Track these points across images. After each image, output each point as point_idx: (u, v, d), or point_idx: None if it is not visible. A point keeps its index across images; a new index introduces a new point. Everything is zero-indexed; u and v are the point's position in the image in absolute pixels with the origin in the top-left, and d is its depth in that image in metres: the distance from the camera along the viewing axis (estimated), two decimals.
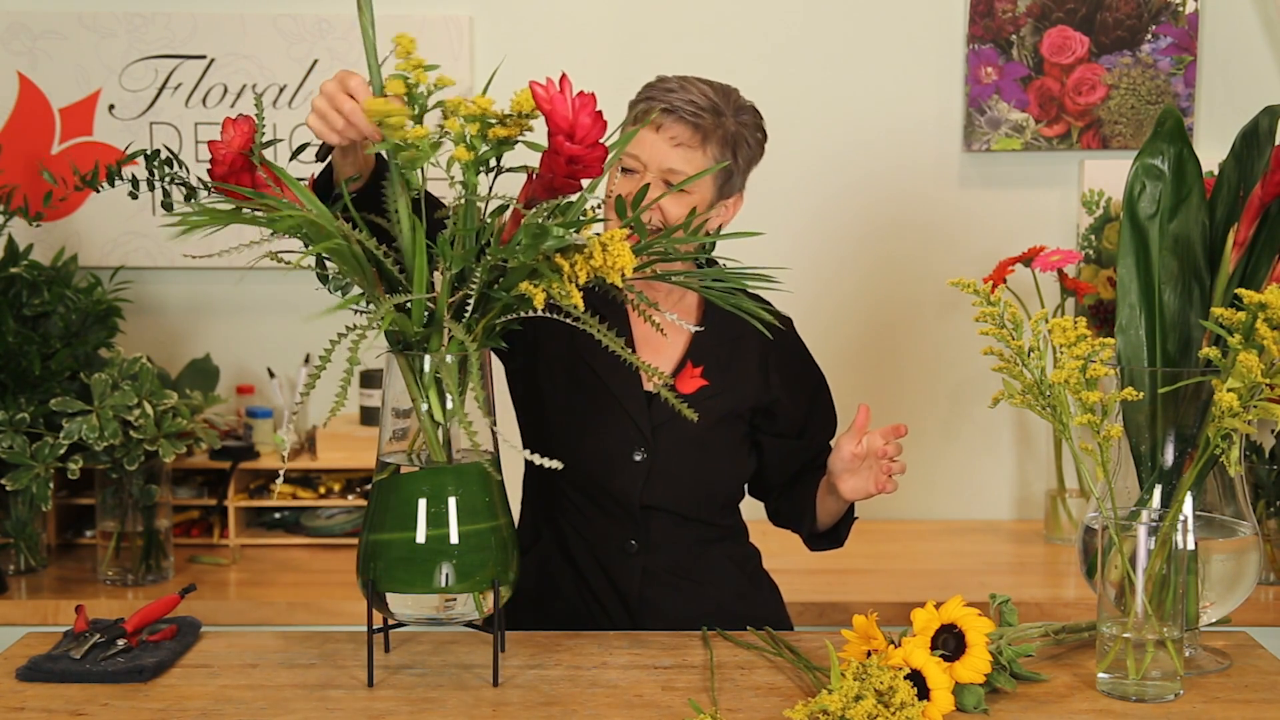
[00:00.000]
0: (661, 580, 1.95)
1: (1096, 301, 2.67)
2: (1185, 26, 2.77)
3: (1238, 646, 1.74)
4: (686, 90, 1.85)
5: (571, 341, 1.92)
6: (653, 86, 1.89)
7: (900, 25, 2.82)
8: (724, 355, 1.96)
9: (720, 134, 1.85)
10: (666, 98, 1.84)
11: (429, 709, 1.53)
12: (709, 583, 1.97)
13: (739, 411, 1.97)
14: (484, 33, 2.81)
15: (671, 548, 1.97)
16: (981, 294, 1.61)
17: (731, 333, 1.95)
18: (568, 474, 1.92)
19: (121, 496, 2.43)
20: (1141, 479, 1.68)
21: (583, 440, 1.94)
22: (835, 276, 2.85)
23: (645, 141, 1.84)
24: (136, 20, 2.77)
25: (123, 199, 2.69)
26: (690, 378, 1.93)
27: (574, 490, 1.96)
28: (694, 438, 1.93)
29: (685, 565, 1.97)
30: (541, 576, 1.99)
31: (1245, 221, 1.68)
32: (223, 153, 1.52)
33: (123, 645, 1.66)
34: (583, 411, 1.94)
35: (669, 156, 1.83)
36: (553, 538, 1.99)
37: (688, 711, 1.51)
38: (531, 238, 1.47)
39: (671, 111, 1.83)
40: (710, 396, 1.93)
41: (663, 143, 1.83)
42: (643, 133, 1.83)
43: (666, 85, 1.87)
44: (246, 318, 2.87)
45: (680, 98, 1.84)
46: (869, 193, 2.82)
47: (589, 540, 1.96)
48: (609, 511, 1.95)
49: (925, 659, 1.48)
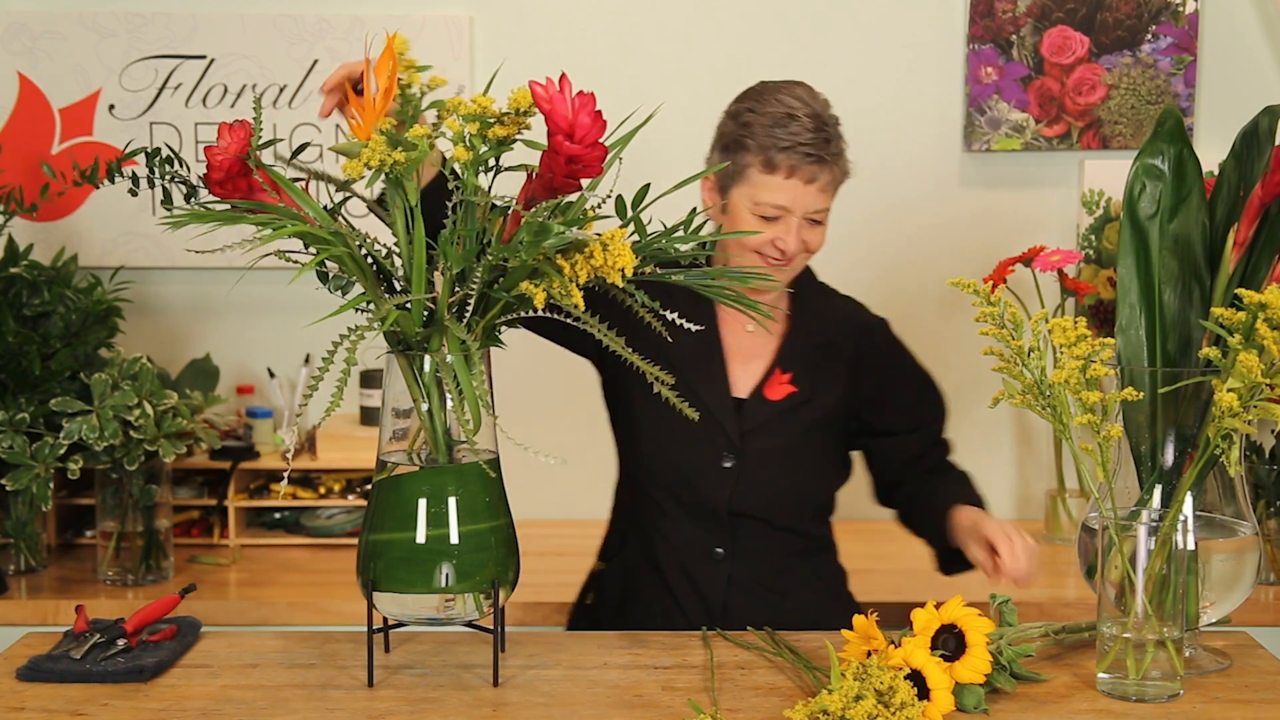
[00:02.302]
0: (746, 589, 1.95)
1: (1096, 301, 2.67)
2: (1185, 26, 2.77)
3: (1238, 646, 1.74)
4: (802, 122, 1.85)
5: (659, 349, 1.94)
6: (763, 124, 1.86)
7: (900, 25, 2.82)
8: (814, 361, 1.97)
9: (838, 150, 1.89)
10: (796, 142, 1.84)
11: (429, 709, 1.53)
12: (792, 596, 1.97)
13: (830, 417, 1.97)
14: (484, 33, 2.81)
15: (759, 557, 1.97)
16: (981, 294, 1.60)
17: (822, 338, 1.97)
18: (658, 480, 1.97)
19: (121, 496, 2.43)
20: (1141, 479, 1.68)
21: (672, 447, 1.95)
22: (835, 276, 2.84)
23: (791, 192, 1.86)
24: (136, 20, 2.77)
25: (123, 199, 2.70)
26: (779, 384, 1.93)
27: (664, 496, 1.97)
28: (784, 444, 1.94)
29: (771, 576, 1.97)
30: (625, 584, 2.01)
31: (1245, 221, 1.68)
32: (219, 159, 1.52)
33: (123, 645, 1.66)
34: (671, 418, 1.94)
35: (816, 200, 1.88)
36: (639, 545, 2.01)
37: (688, 711, 1.51)
38: (533, 236, 1.47)
39: (819, 161, 1.85)
40: (800, 403, 1.95)
41: (811, 192, 1.86)
42: (791, 183, 1.85)
43: (788, 126, 1.85)
44: (246, 318, 2.87)
45: (808, 136, 1.85)
46: (869, 193, 2.81)
47: (676, 546, 1.97)
48: (698, 518, 1.95)
49: (925, 659, 1.48)
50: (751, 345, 1.99)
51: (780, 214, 1.87)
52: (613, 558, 2.06)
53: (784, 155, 1.85)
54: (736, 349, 1.99)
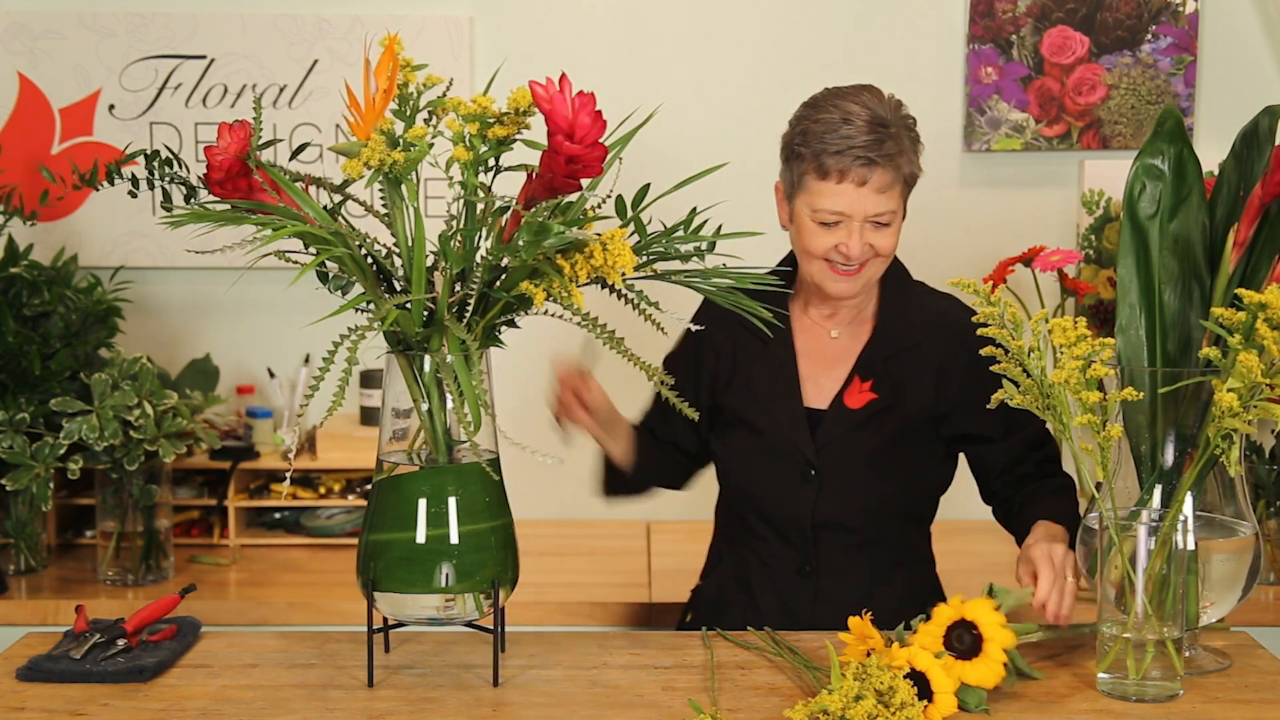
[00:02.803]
0: (833, 604, 1.89)
1: (1096, 301, 2.67)
2: (1185, 26, 2.77)
3: (1238, 646, 1.74)
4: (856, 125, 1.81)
5: (733, 362, 1.96)
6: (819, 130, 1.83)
7: (900, 25, 2.82)
8: (895, 367, 1.93)
9: (904, 151, 1.84)
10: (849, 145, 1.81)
11: (429, 709, 1.53)
12: (881, 610, 1.83)
13: (917, 424, 1.92)
14: (484, 33, 2.81)
15: (847, 572, 1.93)
16: (982, 294, 1.60)
17: (905, 343, 1.93)
18: (744, 498, 1.97)
19: (121, 496, 2.43)
20: (1141, 479, 1.68)
21: (752, 464, 1.94)
22: None
23: (848, 196, 1.82)
24: (136, 20, 2.77)
25: (123, 199, 2.70)
26: (859, 392, 1.91)
27: (751, 514, 1.97)
28: (866, 454, 1.91)
29: (860, 591, 1.92)
30: (716, 602, 2.00)
31: (1245, 221, 1.68)
32: (219, 159, 1.52)
33: (123, 645, 1.66)
34: (748, 434, 1.95)
35: (874, 203, 1.83)
36: (733, 563, 2.00)
37: (688, 711, 1.51)
38: (533, 236, 1.47)
39: (869, 164, 1.81)
40: (881, 410, 1.91)
41: (867, 195, 1.82)
42: (844, 187, 1.81)
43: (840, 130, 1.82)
44: (246, 318, 2.87)
45: (862, 139, 1.81)
46: None
47: (767, 563, 1.96)
48: (783, 534, 1.94)
49: (929, 662, 1.48)
50: (835, 353, 1.95)
51: (840, 219, 1.83)
52: (706, 575, 2.07)
53: (834, 160, 1.81)
54: (819, 358, 1.95)
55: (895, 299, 1.97)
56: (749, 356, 1.96)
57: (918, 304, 1.98)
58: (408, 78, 1.53)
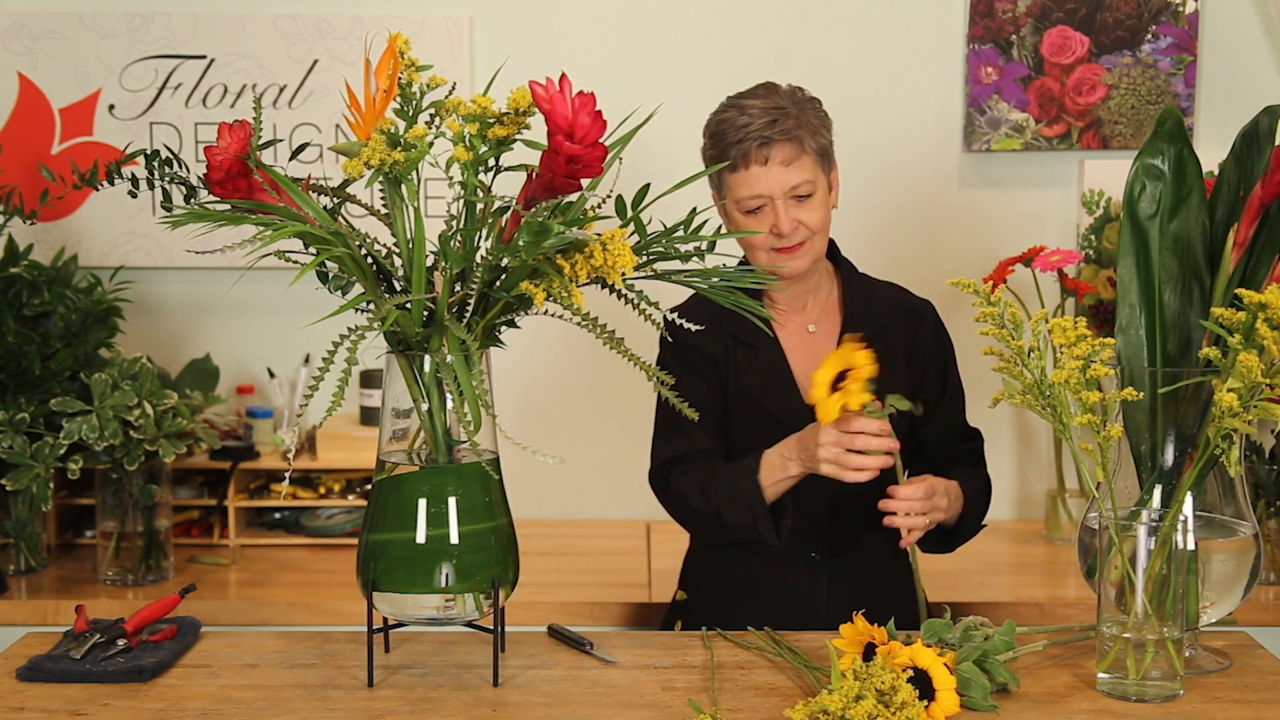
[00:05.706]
0: (846, 591, 1.97)
1: (1096, 301, 2.67)
2: (1185, 26, 2.77)
3: (1238, 646, 1.74)
4: (752, 114, 1.90)
5: (730, 366, 2.00)
6: (722, 129, 1.92)
7: (900, 25, 2.82)
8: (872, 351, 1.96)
9: (805, 125, 1.91)
10: (745, 133, 1.89)
11: (429, 709, 1.53)
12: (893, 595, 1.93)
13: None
14: (484, 33, 2.81)
15: (858, 557, 2.00)
16: (981, 294, 1.61)
17: (875, 328, 1.98)
18: None
19: (121, 496, 2.43)
20: (1141, 479, 1.68)
21: None
22: None
23: (758, 179, 1.90)
24: (136, 20, 2.77)
25: (123, 199, 2.70)
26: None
27: None
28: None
29: (873, 576, 1.99)
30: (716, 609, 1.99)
31: (1245, 221, 1.68)
32: (219, 159, 1.52)
33: (123, 645, 1.66)
34: (752, 435, 1.97)
35: (785, 176, 1.90)
36: (733, 566, 2.01)
37: (688, 711, 1.51)
38: (533, 236, 1.47)
39: (766, 142, 1.89)
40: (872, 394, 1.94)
41: (774, 171, 1.89)
42: (752, 171, 1.90)
43: (736, 122, 1.91)
44: (246, 318, 2.87)
45: (757, 123, 1.89)
46: (869, 193, 2.82)
47: (776, 556, 1.96)
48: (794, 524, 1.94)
49: (931, 659, 1.48)
50: (817, 345, 2.01)
51: (761, 201, 1.91)
52: (701, 585, 2.06)
53: (737, 148, 1.90)
54: (804, 355, 2.00)
55: (853, 287, 2.05)
56: (741, 365, 2.00)
57: (873, 292, 2.07)
58: (412, 77, 1.53)
